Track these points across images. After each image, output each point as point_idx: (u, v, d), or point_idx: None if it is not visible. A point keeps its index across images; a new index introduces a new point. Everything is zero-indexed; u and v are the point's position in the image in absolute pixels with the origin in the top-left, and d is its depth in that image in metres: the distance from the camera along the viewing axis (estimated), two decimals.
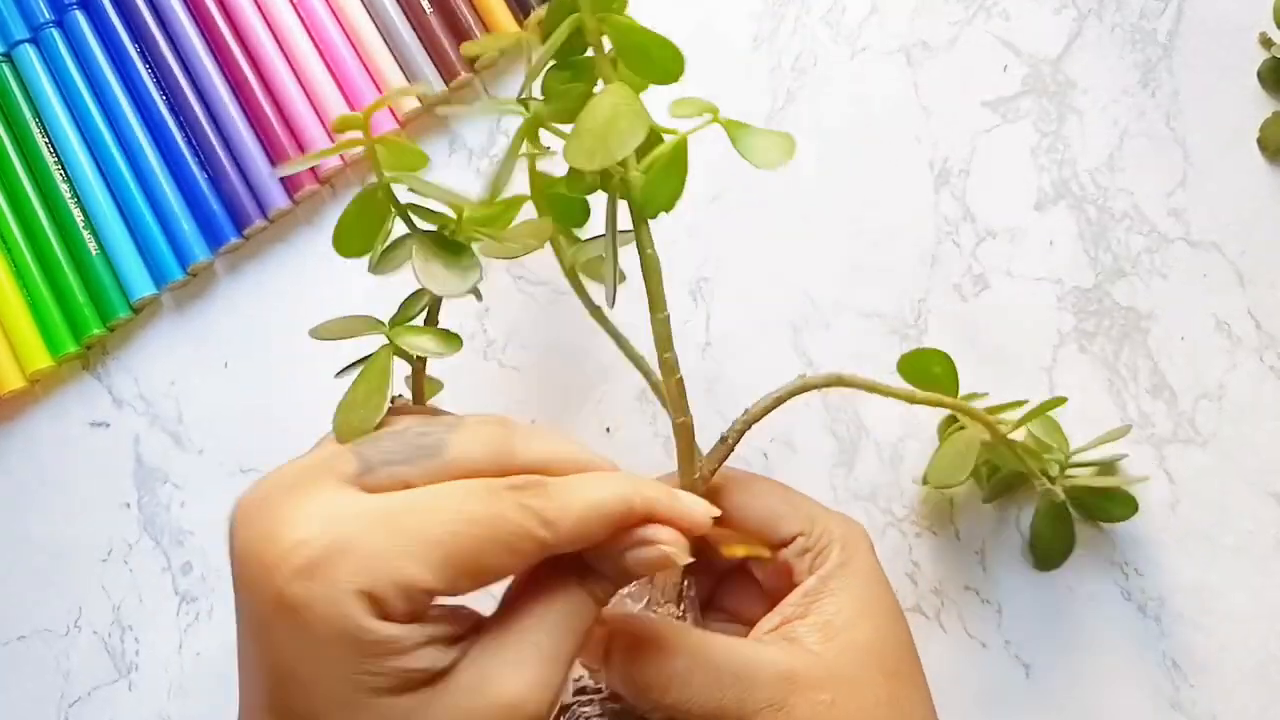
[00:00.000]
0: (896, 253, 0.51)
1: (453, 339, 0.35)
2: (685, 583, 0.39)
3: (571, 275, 0.41)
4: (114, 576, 0.49)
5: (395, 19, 0.52)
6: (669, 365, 0.36)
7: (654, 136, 0.35)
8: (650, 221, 0.36)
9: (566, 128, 0.34)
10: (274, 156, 0.51)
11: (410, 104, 0.51)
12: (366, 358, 0.35)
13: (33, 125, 0.51)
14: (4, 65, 0.52)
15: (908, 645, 0.38)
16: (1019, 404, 0.45)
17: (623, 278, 0.40)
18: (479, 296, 0.35)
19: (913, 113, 0.52)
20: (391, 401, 0.36)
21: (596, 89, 0.35)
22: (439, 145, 0.52)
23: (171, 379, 0.51)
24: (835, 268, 0.51)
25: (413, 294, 0.36)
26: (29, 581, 0.49)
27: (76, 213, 0.51)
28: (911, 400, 0.41)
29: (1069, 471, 0.46)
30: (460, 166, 0.52)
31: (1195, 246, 0.51)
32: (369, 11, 0.52)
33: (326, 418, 0.50)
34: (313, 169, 0.51)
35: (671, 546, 0.32)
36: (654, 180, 0.35)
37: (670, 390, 0.37)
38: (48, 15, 0.52)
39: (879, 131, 0.52)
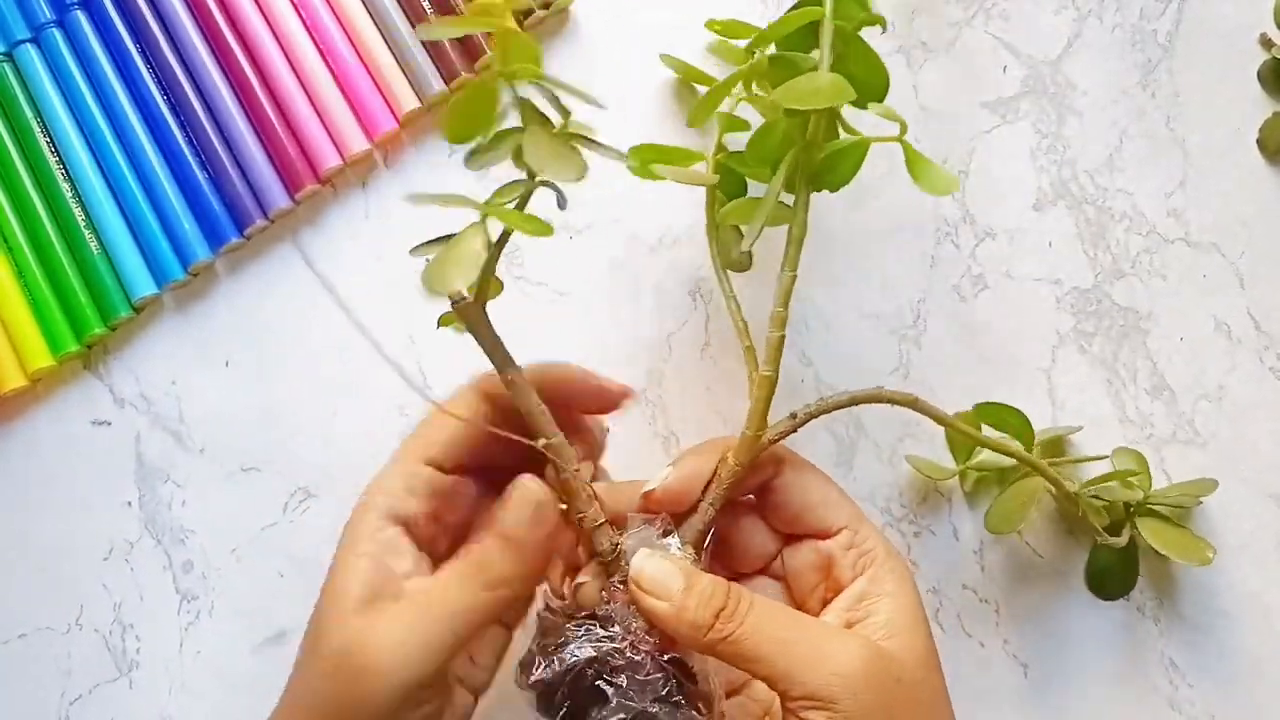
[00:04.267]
0: (896, 253, 0.51)
1: (543, 223, 0.35)
2: (711, 533, 0.40)
3: (711, 227, 0.47)
4: (115, 575, 0.49)
5: (395, 19, 0.52)
6: (779, 319, 0.40)
7: (841, 127, 0.40)
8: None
9: None
10: (275, 156, 0.51)
11: (410, 103, 0.52)
12: (446, 236, 0.36)
13: (34, 125, 0.51)
14: (5, 65, 0.52)
15: (939, 660, 0.40)
16: (1094, 459, 0.47)
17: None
18: (563, 204, 0.36)
19: (913, 113, 0.52)
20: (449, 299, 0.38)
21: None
22: (439, 145, 0.53)
23: (172, 378, 0.51)
24: (835, 268, 0.51)
25: (507, 184, 0.36)
26: (30, 580, 0.49)
27: (78, 212, 0.51)
28: (982, 444, 0.43)
29: (1148, 502, 0.47)
30: (460, 166, 0.52)
31: (1195, 247, 0.51)
32: (369, 11, 0.52)
33: (325, 417, 0.51)
34: (313, 169, 0.51)
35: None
36: (832, 159, 0.40)
37: (770, 342, 0.40)
38: (49, 15, 0.52)
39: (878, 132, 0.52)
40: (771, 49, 0.42)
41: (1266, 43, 0.52)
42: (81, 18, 0.52)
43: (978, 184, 0.52)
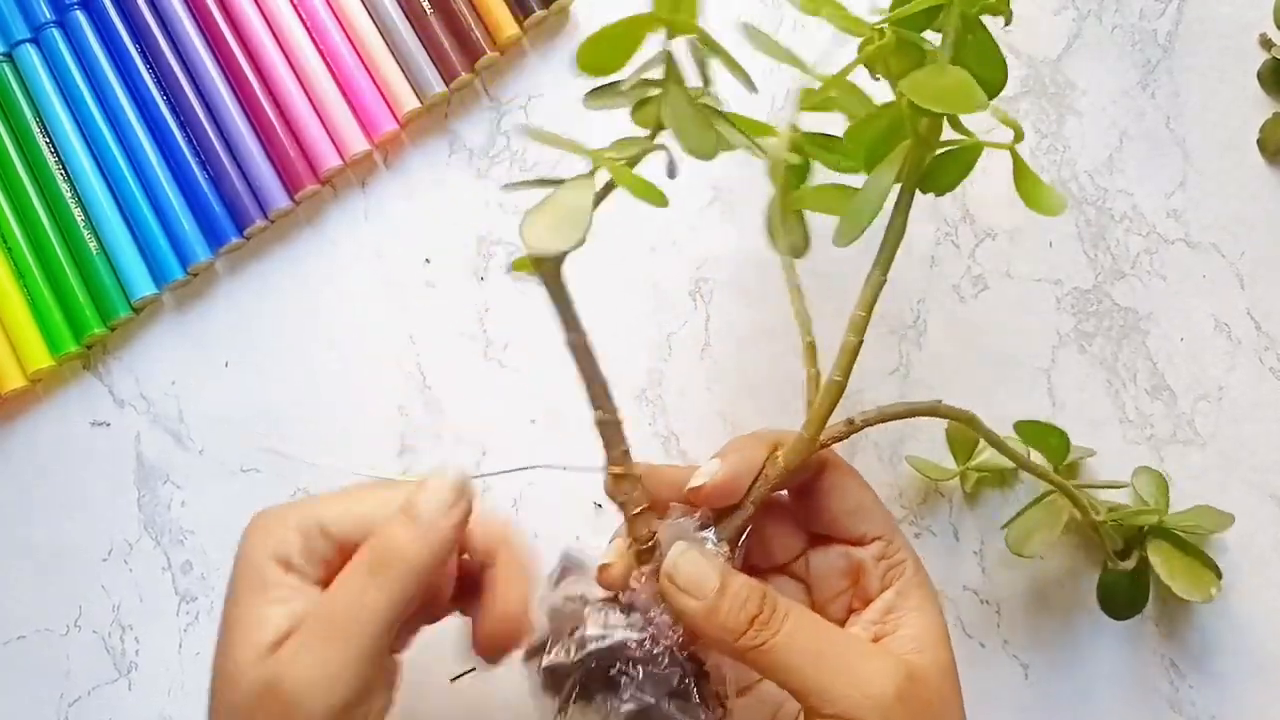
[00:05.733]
0: (896, 252, 0.51)
1: (658, 192, 0.32)
2: (746, 530, 0.39)
3: (776, 210, 0.43)
4: (114, 576, 0.49)
5: (395, 19, 0.52)
6: (859, 323, 0.38)
7: (952, 124, 0.38)
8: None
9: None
10: (274, 156, 0.51)
11: (410, 104, 0.52)
12: (553, 180, 0.33)
13: (34, 125, 0.51)
14: (5, 65, 0.52)
15: (958, 675, 0.40)
16: (1115, 485, 0.47)
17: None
18: (673, 174, 0.34)
19: None
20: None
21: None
22: (439, 145, 0.53)
23: (172, 378, 0.51)
24: (834, 268, 0.51)
25: (620, 140, 0.34)
26: (29, 581, 0.49)
27: (77, 212, 0.51)
28: (1021, 465, 0.42)
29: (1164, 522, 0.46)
30: (461, 167, 0.53)
31: (1194, 247, 0.51)
32: (369, 11, 0.52)
33: (325, 417, 0.51)
34: (313, 169, 0.51)
35: None
36: (942, 161, 0.37)
37: (846, 346, 0.38)
38: (49, 15, 0.52)
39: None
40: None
41: (1266, 43, 0.52)
42: (81, 18, 0.52)
43: (977, 184, 0.51)
